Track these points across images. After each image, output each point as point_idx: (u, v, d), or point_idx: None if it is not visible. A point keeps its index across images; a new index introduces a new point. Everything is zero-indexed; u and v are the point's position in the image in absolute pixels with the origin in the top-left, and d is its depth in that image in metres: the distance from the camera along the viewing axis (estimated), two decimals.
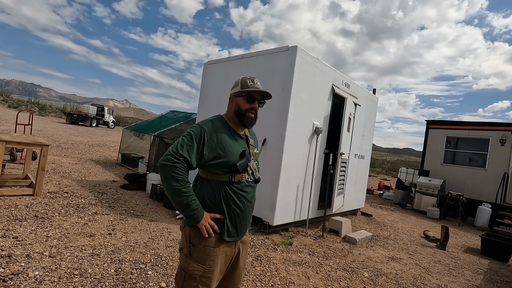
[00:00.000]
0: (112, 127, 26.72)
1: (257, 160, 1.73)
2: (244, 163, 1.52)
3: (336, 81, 5.38)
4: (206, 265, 1.46)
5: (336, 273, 3.49)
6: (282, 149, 4.36)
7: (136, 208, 4.79)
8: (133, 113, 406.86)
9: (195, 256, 1.47)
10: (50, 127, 16.27)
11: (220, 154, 1.49)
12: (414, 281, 3.63)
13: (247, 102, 1.59)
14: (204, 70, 6.08)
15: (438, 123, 10.51)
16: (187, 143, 1.45)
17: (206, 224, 1.45)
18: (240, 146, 1.59)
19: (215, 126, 1.54)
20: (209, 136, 1.50)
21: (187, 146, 1.44)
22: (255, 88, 1.59)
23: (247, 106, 1.59)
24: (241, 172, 1.52)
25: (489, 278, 4.21)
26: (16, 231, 3.17)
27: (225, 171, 1.51)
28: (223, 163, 1.49)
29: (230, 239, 1.53)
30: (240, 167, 1.50)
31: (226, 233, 1.51)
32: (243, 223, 1.58)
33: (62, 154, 8.61)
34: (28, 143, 4.44)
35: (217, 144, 1.50)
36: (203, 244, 1.47)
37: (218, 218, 1.50)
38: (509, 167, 8.65)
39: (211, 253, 1.48)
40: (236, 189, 1.53)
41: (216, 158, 1.49)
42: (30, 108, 25.88)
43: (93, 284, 2.46)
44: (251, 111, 1.59)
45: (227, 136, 1.55)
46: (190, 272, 1.46)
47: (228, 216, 1.52)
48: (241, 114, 1.59)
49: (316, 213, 5.32)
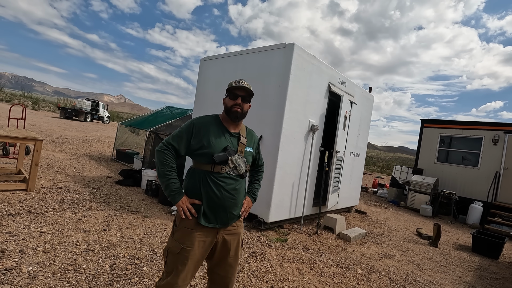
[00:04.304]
0: (107, 122, 26.46)
1: (247, 158, 1.82)
2: (222, 156, 1.68)
3: (332, 79, 5.39)
4: (184, 244, 1.64)
5: (330, 269, 3.53)
6: (278, 146, 4.37)
7: (131, 204, 4.77)
8: (128, 108, 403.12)
9: (176, 235, 1.69)
10: (43, 121, 16.07)
11: (204, 144, 1.68)
12: (406, 278, 3.69)
13: (231, 99, 1.76)
14: (200, 66, 6.05)
15: (432, 122, 10.60)
16: (178, 135, 1.73)
17: (184, 206, 1.65)
18: (227, 142, 1.74)
19: (206, 121, 1.77)
20: (197, 129, 1.72)
21: (177, 137, 1.72)
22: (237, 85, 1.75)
23: (232, 103, 1.76)
24: (217, 163, 1.67)
25: (479, 274, 4.29)
26: (9, 227, 3.14)
27: (207, 161, 1.69)
28: (205, 153, 1.68)
29: (207, 224, 1.67)
30: (216, 158, 1.66)
31: (203, 218, 1.67)
32: (223, 212, 1.70)
33: (56, 149, 8.52)
34: (21, 138, 4.39)
35: (204, 136, 1.70)
36: (182, 225, 1.67)
37: (196, 204, 1.68)
38: (501, 166, 8.78)
39: (188, 233, 1.66)
40: (215, 179, 1.68)
41: (200, 148, 1.69)
42: (23, 102, 25.51)
43: (87, 279, 2.46)
44: (235, 106, 1.75)
45: (215, 131, 1.74)
46: (171, 249, 1.67)
47: (206, 202, 1.68)
48: (228, 111, 1.77)
49: (311, 210, 5.35)
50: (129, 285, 2.50)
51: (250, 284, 2.85)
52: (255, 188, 1.98)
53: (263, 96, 4.69)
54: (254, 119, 4.77)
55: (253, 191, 1.97)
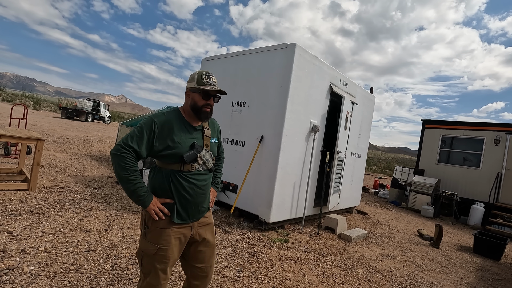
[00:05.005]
0: (108, 122, 26.50)
1: (213, 150, 1.80)
2: (192, 155, 1.63)
3: (334, 80, 5.39)
4: (160, 244, 1.59)
5: (331, 270, 3.52)
6: (279, 146, 4.36)
7: (132, 204, 4.77)
8: (129, 108, 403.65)
9: (149, 237, 1.62)
10: (45, 121, 16.10)
11: (170, 145, 1.59)
12: (408, 279, 3.68)
13: (202, 98, 1.65)
14: (202, 66, 6.05)
15: (433, 122, 10.58)
16: (137, 135, 1.55)
17: (155, 208, 1.58)
18: (192, 138, 1.67)
19: (167, 119, 1.62)
20: (159, 128, 1.58)
21: (137, 138, 1.55)
22: (210, 85, 1.64)
23: (203, 102, 1.66)
24: (188, 162, 1.63)
25: (481, 276, 4.27)
26: (11, 226, 3.14)
27: (174, 160, 1.61)
28: (172, 154, 1.60)
29: (180, 222, 1.65)
30: (186, 159, 1.61)
31: (176, 216, 1.64)
32: (194, 208, 1.69)
33: (57, 149, 8.53)
34: (23, 138, 4.40)
35: (167, 135, 1.59)
36: (155, 226, 1.61)
37: (168, 203, 1.63)
38: (503, 167, 8.76)
39: (163, 233, 1.61)
40: (186, 177, 1.64)
41: (166, 149, 1.59)
42: (25, 102, 25.57)
43: (89, 279, 2.46)
44: (206, 107, 1.67)
45: (178, 129, 1.63)
46: (146, 251, 1.62)
47: (178, 201, 1.64)
48: (197, 109, 1.66)
49: (312, 211, 5.35)
50: (130, 285, 2.50)
51: (251, 285, 2.84)
52: (217, 177, 2.00)
53: (264, 97, 4.69)
54: (256, 119, 4.77)
55: (216, 181, 1.98)
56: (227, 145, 5.08)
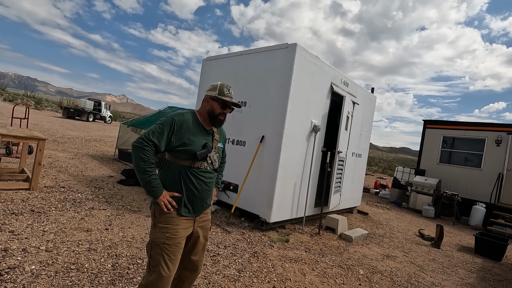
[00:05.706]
0: (109, 122, 26.55)
1: (219, 153, 1.98)
2: (204, 153, 1.79)
3: (335, 79, 5.39)
4: (168, 233, 1.72)
5: (332, 270, 3.52)
6: (280, 146, 4.36)
7: (133, 204, 4.78)
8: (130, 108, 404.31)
9: (159, 227, 1.74)
10: (46, 121, 16.14)
11: (185, 142, 1.75)
12: (409, 279, 3.67)
13: (221, 107, 1.85)
14: (203, 66, 6.05)
15: (435, 123, 10.56)
16: (158, 131, 1.71)
17: (165, 200, 1.72)
18: (204, 139, 1.84)
19: (186, 119, 1.79)
20: (178, 126, 1.75)
21: (158, 133, 1.70)
22: (229, 97, 1.85)
23: (220, 111, 1.85)
24: (200, 160, 1.78)
25: (482, 276, 4.26)
26: (12, 225, 3.16)
27: (187, 157, 1.77)
28: (186, 151, 1.75)
29: (186, 215, 1.79)
30: (199, 156, 1.76)
31: (183, 209, 1.78)
32: (199, 203, 1.84)
33: (59, 149, 8.55)
34: (24, 137, 4.41)
35: (184, 134, 1.75)
36: (165, 216, 1.73)
37: (176, 196, 1.77)
38: (504, 168, 8.74)
39: (172, 222, 1.74)
40: (195, 173, 1.79)
41: (181, 145, 1.74)
42: (26, 102, 25.64)
43: (90, 278, 2.47)
44: (222, 115, 1.87)
45: (194, 129, 1.80)
46: (155, 240, 1.73)
47: (186, 194, 1.78)
48: (214, 116, 1.85)
49: (313, 211, 5.35)
50: (131, 284, 2.50)
51: (252, 284, 2.85)
52: (218, 178, 2.14)
53: (265, 97, 4.69)
54: (257, 119, 4.77)
55: (216, 181, 2.11)
56: (228, 145, 5.08)
